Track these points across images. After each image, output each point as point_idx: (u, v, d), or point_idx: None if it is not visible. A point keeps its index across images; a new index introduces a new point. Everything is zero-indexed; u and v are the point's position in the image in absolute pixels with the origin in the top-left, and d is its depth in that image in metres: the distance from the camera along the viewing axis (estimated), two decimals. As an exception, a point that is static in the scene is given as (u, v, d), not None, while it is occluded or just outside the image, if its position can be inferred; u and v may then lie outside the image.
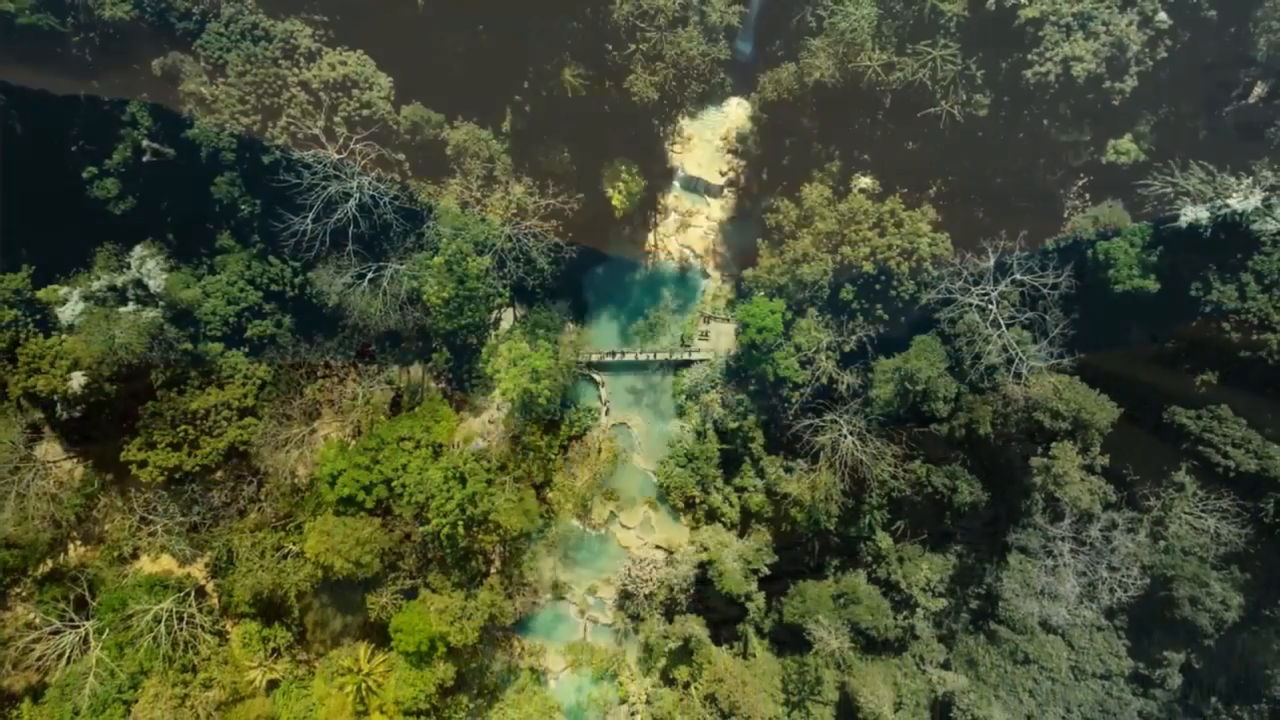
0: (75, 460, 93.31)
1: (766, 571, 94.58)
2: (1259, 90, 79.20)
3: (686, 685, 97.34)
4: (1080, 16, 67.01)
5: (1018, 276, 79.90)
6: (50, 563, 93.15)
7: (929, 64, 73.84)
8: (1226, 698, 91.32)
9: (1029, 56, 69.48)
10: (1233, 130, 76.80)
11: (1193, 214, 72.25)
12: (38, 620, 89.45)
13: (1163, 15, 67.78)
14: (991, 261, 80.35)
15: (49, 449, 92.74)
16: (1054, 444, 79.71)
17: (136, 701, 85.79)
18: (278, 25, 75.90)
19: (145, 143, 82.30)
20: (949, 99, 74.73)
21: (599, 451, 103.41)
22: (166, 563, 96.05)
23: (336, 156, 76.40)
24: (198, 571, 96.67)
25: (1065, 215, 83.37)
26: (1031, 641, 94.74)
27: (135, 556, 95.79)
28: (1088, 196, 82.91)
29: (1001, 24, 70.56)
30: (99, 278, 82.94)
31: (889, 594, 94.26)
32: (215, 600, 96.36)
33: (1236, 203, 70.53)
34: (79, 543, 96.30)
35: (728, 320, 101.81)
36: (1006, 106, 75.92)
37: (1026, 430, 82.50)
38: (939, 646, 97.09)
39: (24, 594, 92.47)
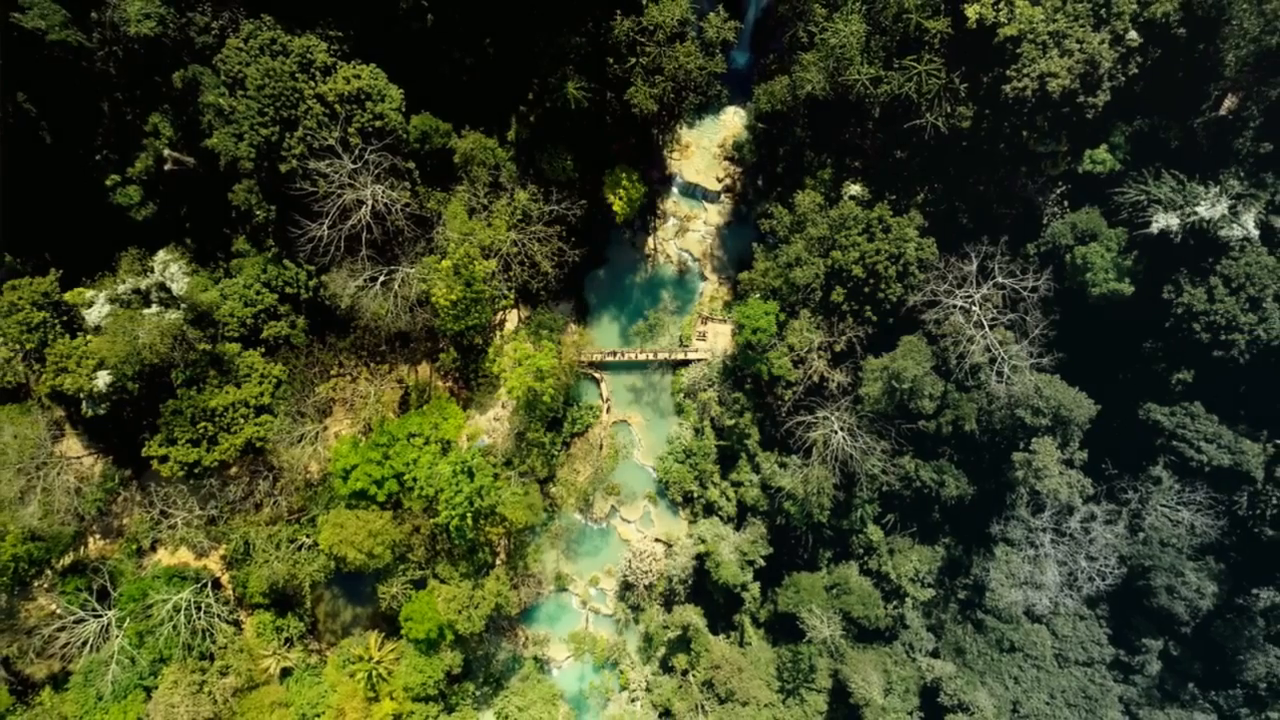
0: (95, 456, 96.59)
1: (762, 563, 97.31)
2: (1229, 103, 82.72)
3: (685, 673, 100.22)
4: (1055, 35, 70.41)
5: (1000, 280, 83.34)
6: (71, 555, 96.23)
7: (914, 78, 77.05)
8: (1203, 683, 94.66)
9: (1008, 72, 72.83)
10: (1203, 141, 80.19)
11: (1164, 221, 75.73)
12: (60, 610, 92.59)
13: (1133, 34, 71.16)
14: (975, 265, 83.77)
15: (70, 445, 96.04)
16: (1034, 439, 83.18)
17: (156, 688, 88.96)
18: (295, 40, 78.27)
19: (166, 152, 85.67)
20: (934, 111, 77.94)
21: (600, 448, 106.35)
22: (184, 555, 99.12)
23: (352, 167, 79.55)
24: (213, 564, 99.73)
25: (1045, 221, 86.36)
26: (1017, 630, 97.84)
27: (154, 549, 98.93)
28: (1066, 204, 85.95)
29: (982, 41, 73.71)
30: (124, 281, 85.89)
31: (880, 585, 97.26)
32: (230, 591, 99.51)
33: (1204, 210, 74.09)
34: (98, 536, 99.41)
35: (724, 321, 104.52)
36: (988, 118, 79.01)
37: (1009, 426, 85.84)
38: (928, 635, 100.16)
39: (46, 585, 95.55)
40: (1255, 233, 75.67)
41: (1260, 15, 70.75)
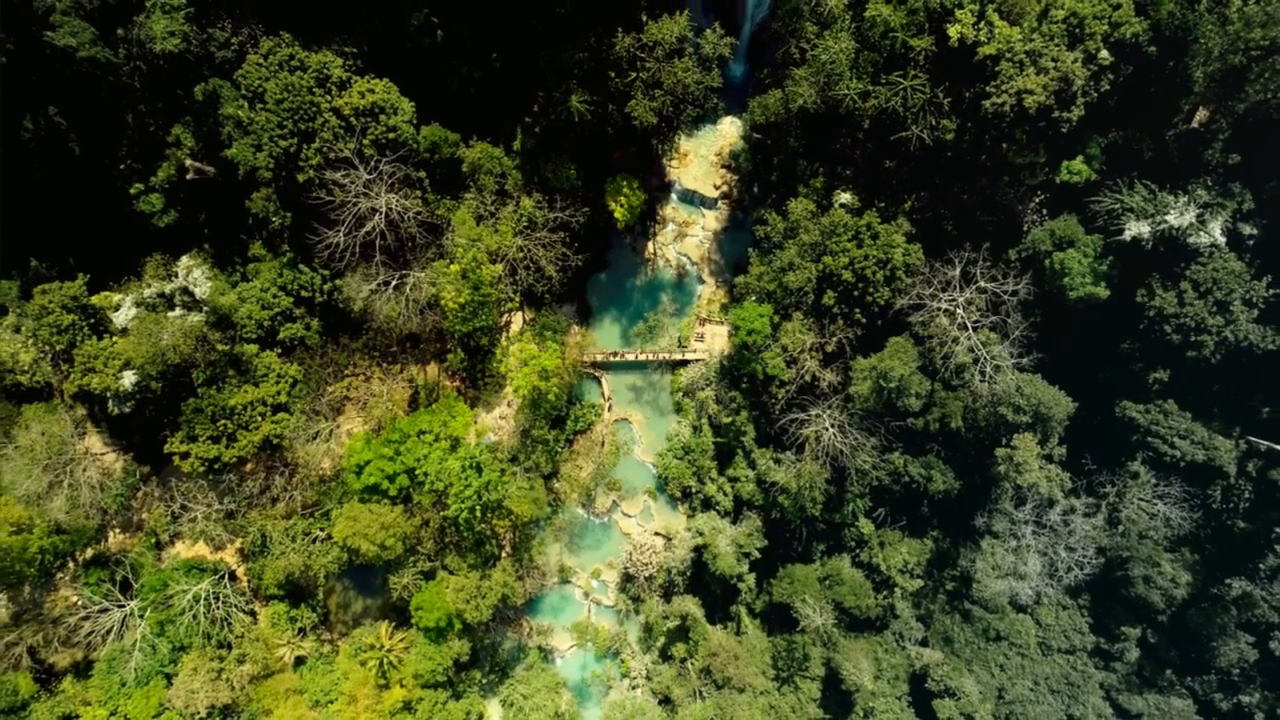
0: (117, 453, 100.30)
1: (757, 555, 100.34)
2: (1200, 115, 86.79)
3: (684, 661, 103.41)
4: (1032, 54, 74.40)
5: (982, 284, 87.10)
6: (93, 548, 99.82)
7: (901, 93, 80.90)
8: (1179, 669, 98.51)
9: (988, 88, 76.80)
10: (1174, 152, 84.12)
11: (1136, 228, 79.59)
12: (82, 601, 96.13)
13: (1105, 53, 75.07)
14: (958, 270, 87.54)
15: (92, 442, 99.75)
16: (1016, 435, 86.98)
17: (177, 675, 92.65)
18: (312, 56, 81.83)
19: (188, 161, 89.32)
20: (919, 124, 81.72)
21: (602, 445, 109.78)
22: (200, 548, 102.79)
23: (367, 177, 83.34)
24: (230, 557, 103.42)
25: (1025, 228, 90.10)
26: (1003, 620, 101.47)
27: (172, 542, 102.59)
28: (1045, 211, 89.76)
29: (964, 59, 77.64)
30: (149, 285, 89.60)
31: (870, 576, 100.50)
32: (246, 583, 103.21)
33: (1174, 218, 78.05)
34: (119, 530, 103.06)
35: (721, 323, 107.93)
36: (970, 131, 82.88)
37: (993, 423, 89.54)
38: (917, 625, 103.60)
39: (69, 577, 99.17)
40: (1222, 239, 79.56)
41: (1225, 35, 74.70)
